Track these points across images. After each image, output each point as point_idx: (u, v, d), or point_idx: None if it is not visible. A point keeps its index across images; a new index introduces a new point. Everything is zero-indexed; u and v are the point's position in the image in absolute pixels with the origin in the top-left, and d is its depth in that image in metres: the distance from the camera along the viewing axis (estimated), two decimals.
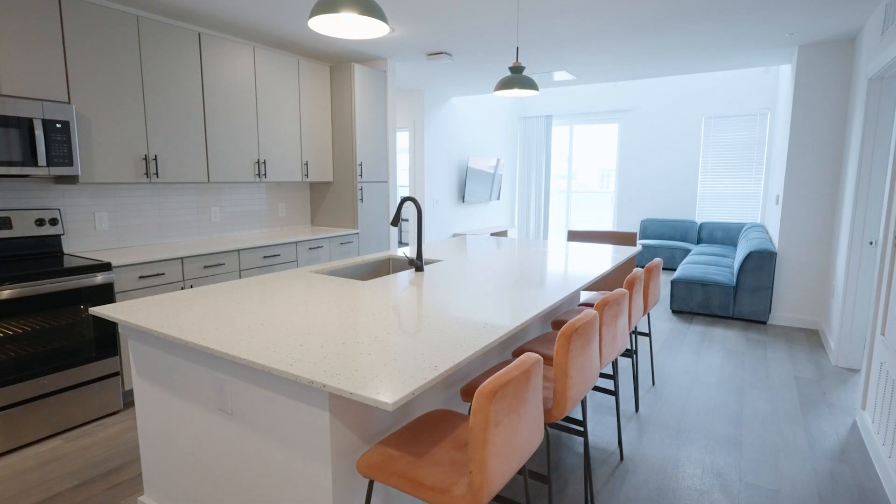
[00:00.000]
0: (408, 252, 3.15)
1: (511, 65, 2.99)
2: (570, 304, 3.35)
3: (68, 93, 2.83)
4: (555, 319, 2.74)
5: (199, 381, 1.66)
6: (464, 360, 1.36)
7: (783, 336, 4.40)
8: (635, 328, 3.07)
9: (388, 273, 3.13)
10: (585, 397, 2.64)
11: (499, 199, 8.44)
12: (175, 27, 3.30)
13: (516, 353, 2.29)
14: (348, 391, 1.16)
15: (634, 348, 3.05)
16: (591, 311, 1.81)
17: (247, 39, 4.07)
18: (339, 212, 4.68)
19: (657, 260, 3.01)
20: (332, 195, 4.71)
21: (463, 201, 7.55)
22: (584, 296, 5.57)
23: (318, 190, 4.80)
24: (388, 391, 1.15)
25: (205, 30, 3.76)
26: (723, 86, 7.31)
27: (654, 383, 3.36)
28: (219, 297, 2.00)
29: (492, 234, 8.13)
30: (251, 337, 1.52)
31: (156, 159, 3.24)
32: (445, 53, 4.54)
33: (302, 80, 4.27)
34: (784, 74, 5.87)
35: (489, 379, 1.21)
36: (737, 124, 7.29)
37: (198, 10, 3.39)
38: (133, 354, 1.90)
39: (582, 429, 2.03)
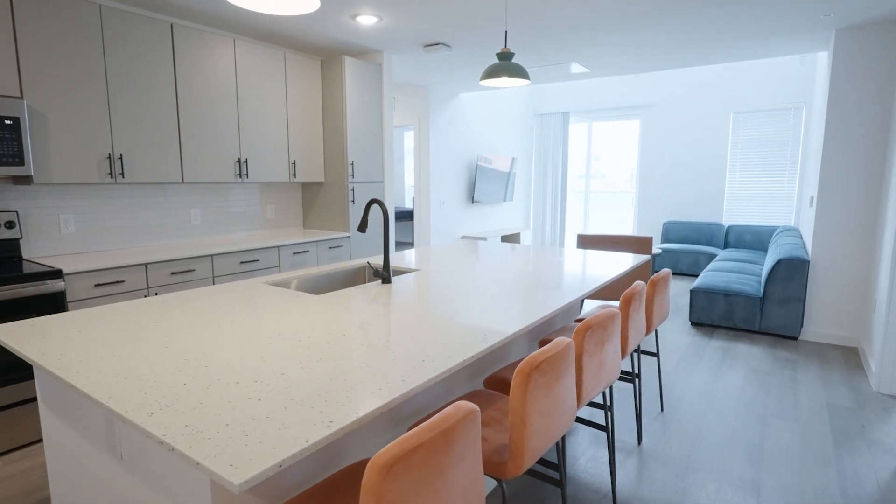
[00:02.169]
0: (371, 261, 2.85)
1: (499, 51, 2.66)
2: (566, 318, 3.01)
3: (20, 87, 2.64)
4: (543, 338, 2.41)
5: (94, 419, 1.41)
6: (373, 410, 1.06)
7: (816, 354, 3.94)
8: (638, 347, 2.71)
9: (364, 282, 2.85)
10: (564, 437, 2.30)
11: (512, 199, 8.09)
12: (143, 17, 3.10)
13: (488, 382, 1.97)
14: (196, 460, 0.87)
15: (638, 371, 2.69)
16: (564, 340, 1.49)
17: (227, 31, 3.85)
18: (330, 214, 4.44)
19: (665, 271, 2.65)
20: (323, 196, 4.47)
21: (472, 202, 7.23)
22: (591, 305, 5.19)
23: (309, 191, 4.57)
24: (244, 462, 0.86)
25: (178, 20, 3.55)
26: (753, 77, 6.78)
27: (662, 409, 2.99)
28: (139, 316, 1.75)
29: (504, 237, 7.79)
30: (134, 371, 1.26)
31: (121, 158, 3.04)
32: (443, 44, 4.24)
33: (289, 75, 4.04)
34: (821, 63, 5.36)
35: (388, 446, 0.91)
36: (769, 119, 6.76)
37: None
38: (38, 381, 1.67)
39: (558, 475, 1.71)
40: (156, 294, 3.02)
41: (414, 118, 6.39)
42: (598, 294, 4.41)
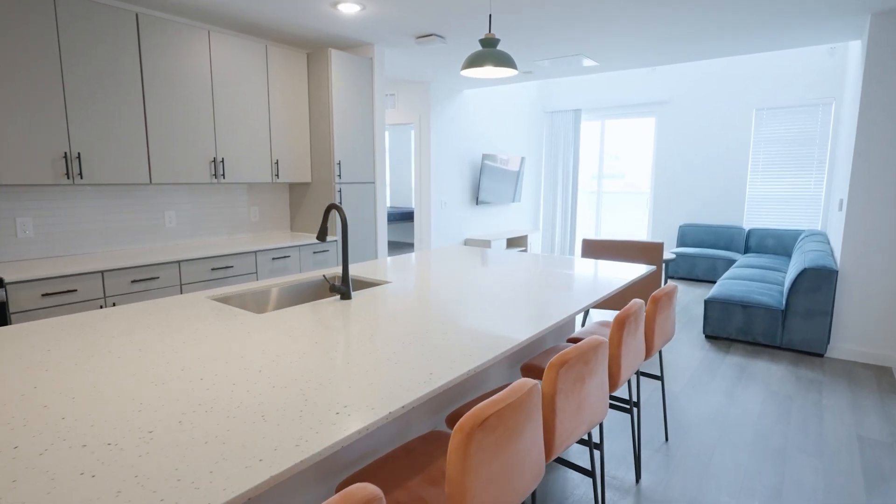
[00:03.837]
0: (329, 273, 2.57)
1: (483, 36, 2.37)
2: (558, 336, 2.70)
3: None
4: (526, 363, 2.11)
5: None
6: (232, 500, 0.78)
7: (844, 374, 3.55)
8: (638, 370, 2.39)
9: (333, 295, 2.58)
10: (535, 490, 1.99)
11: (520, 200, 7.76)
12: (103, 6, 2.88)
13: (452, 419, 1.69)
14: None
15: (636, 398, 2.37)
16: (527, 383, 1.20)
17: (200, 21, 3.62)
18: (318, 217, 4.19)
19: (669, 286, 2.33)
20: (310, 198, 4.22)
21: (477, 203, 6.93)
22: (599, 315, 4.86)
23: (297, 192, 4.33)
24: None
25: (143, 9, 3.32)
26: (777, 71, 6.35)
27: (667, 439, 2.66)
28: (36, 340, 1.51)
29: (510, 240, 7.48)
30: None
31: (79, 157, 2.83)
32: (436, 36, 3.96)
33: (271, 69, 3.80)
34: (853, 53, 4.93)
35: None
36: (794, 116, 6.32)
37: None
38: None
39: None
40: (114, 304, 2.80)
41: (414, 115, 6.12)
42: (605, 304, 4.08)
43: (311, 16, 3.48)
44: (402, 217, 9.25)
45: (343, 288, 2.01)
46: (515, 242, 7.55)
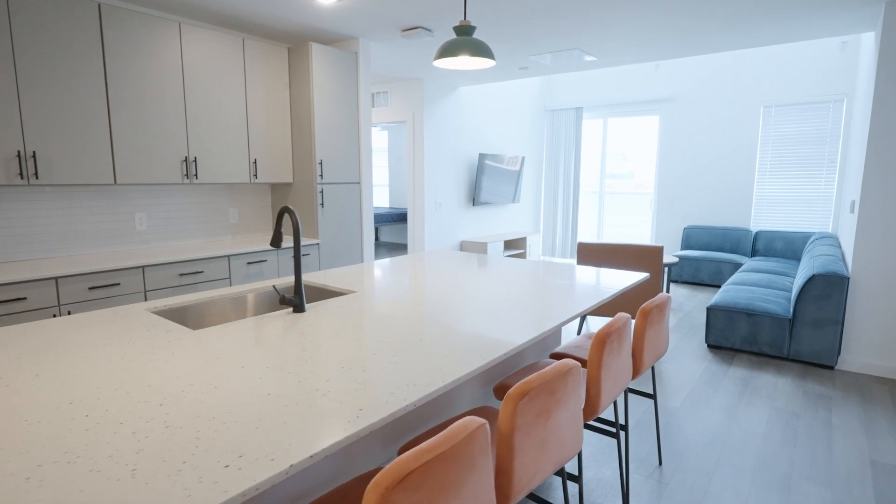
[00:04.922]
0: (280, 284, 2.37)
1: (458, 24, 2.18)
2: (540, 352, 2.49)
3: None
4: (500, 383, 1.91)
5: None
6: None
7: (856, 389, 3.31)
8: (626, 390, 2.18)
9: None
10: None
11: (518, 201, 7.54)
12: None
13: (403, 451, 1.49)
14: None
15: (624, 421, 2.16)
16: (472, 422, 1.00)
17: (170, 13, 3.44)
18: (300, 217, 4.01)
19: (662, 296, 2.11)
20: (293, 199, 4.04)
21: (474, 204, 6.73)
22: (598, 322, 4.64)
23: (279, 193, 4.15)
24: None
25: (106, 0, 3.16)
26: (786, 66, 6.08)
27: (660, 462, 2.45)
28: None
29: (507, 241, 7.27)
30: None
31: (34, 156, 2.67)
32: (423, 28, 3.76)
33: (249, 64, 3.62)
34: (866, 46, 4.68)
35: None
36: (804, 113, 6.05)
37: None
38: None
39: None
40: (69, 313, 2.63)
41: (407, 113, 5.93)
42: (603, 311, 3.87)
43: (288, 7, 3.30)
44: (402, 218, 9.08)
45: (295, 300, 1.82)
46: (514, 244, 7.34)
